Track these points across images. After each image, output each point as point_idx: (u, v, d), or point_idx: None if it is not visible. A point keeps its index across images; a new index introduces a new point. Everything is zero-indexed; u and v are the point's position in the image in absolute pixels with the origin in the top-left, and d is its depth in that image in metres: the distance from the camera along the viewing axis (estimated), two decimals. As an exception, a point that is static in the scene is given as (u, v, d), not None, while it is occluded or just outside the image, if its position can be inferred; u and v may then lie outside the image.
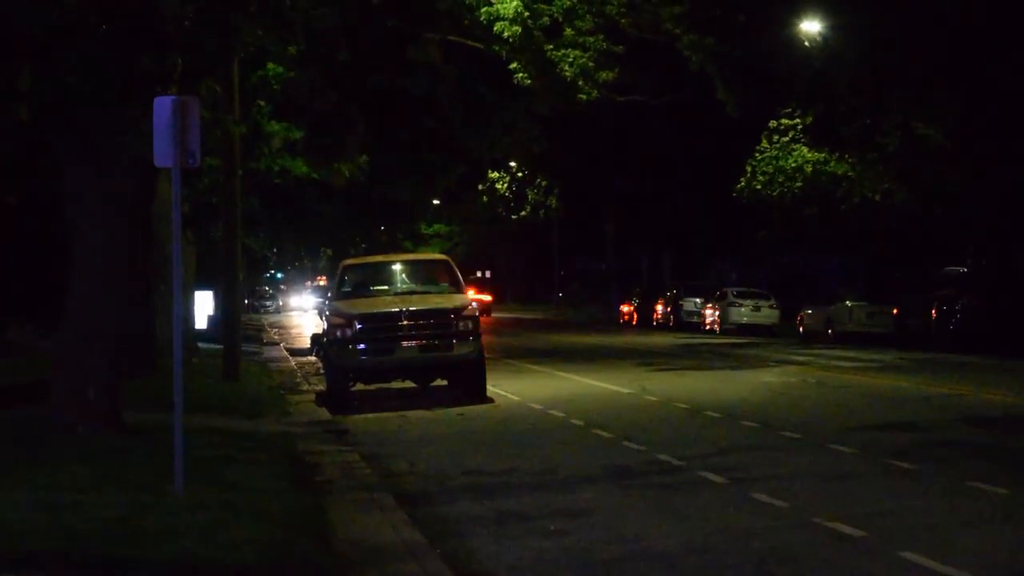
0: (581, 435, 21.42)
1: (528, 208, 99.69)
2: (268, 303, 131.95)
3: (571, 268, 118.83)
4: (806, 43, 46.43)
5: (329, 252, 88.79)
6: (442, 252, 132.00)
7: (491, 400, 27.58)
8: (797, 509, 14.04)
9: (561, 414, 24.27)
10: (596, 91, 33.41)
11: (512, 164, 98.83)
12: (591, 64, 32.90)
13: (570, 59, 32.79)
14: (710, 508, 14.48)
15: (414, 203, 52.68)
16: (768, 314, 59.71)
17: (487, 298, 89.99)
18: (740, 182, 53.20)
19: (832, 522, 13.18)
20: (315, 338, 37.77)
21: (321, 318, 46.24)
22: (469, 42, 36.02)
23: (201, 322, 39.86)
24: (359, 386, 28.86)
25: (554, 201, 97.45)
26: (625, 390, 28.56)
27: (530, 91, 34.59)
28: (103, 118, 16.48)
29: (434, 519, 14.54)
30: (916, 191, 44.51)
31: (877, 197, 47.20)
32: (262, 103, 34.33)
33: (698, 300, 65.63)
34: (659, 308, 70.61)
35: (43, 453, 16.52)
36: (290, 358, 43.47)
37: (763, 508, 14.30)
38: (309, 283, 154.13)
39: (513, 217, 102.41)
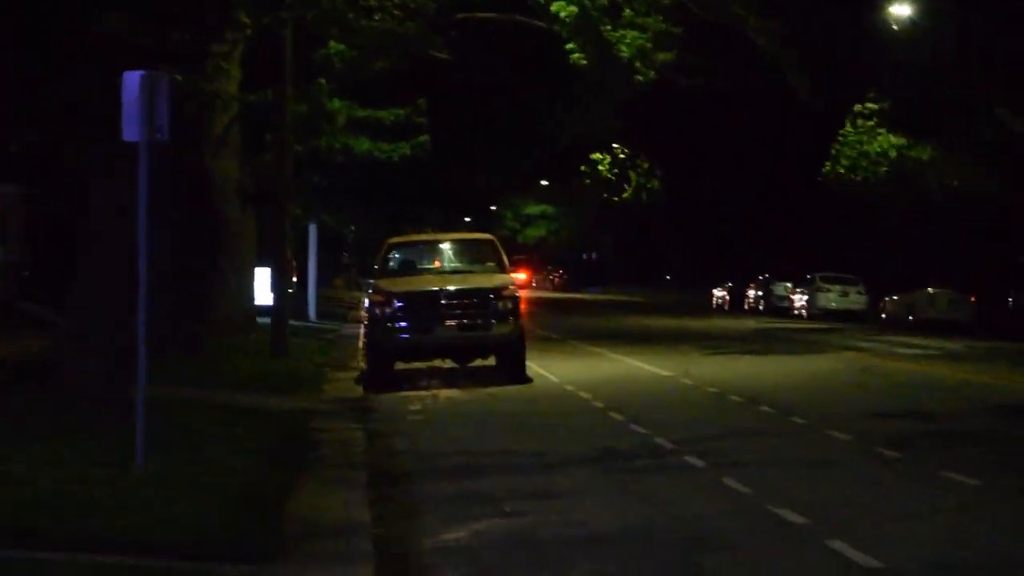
0: (595, 417, 21.34)
1: (630, 190, 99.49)
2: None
3: (677, 251, 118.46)
4: (894, 27, 45.82)
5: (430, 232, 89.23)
6: (548, 232, 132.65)
7: (529, 380, 27.48)
8: (757, 495, 13.87)
9: (588, 396, 24.18)
10: (654, 72, 33.15)
11: (615, 146, 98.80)
12: (649, 45, 32.62)
13: (628, 40, 32.53)
14: (675, 493, 14.38)
15: (493, 184, 52.64)
16: (856, 300, 59.08)
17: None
18: (826, 166, 52.63)
19: (782, 509, 13.02)
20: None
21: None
22: (536, 23, 35.98)
23: (267, 298, 39.88)
24: (403, 365, 28.92)
25: (656, 183, 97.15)
26: (666, 373, 28.39)
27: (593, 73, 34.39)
28: (101, 96, 16.47)
29: (400, 498, 14.58)
30: (999, 179, 43.74)
31: (955, 183, 46.52)
32: (323, 81, 34.43)
33: (788, 285, 65.09)
34: (750, 293, 70.18)
35: (33, 429, 16.65)
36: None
37: (725, 494, 14.16)
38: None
39: (615, 199, 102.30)
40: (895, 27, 45.72)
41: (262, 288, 38.15)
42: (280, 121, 30.60)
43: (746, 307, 70.06)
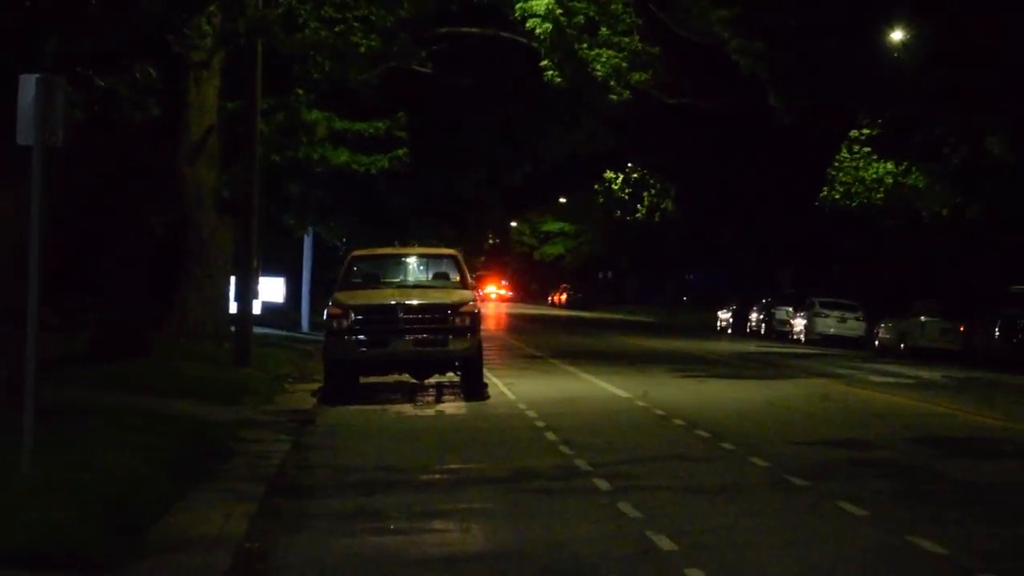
0: (529, 437, 21.16)
1: (643, 210, 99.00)
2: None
3: (692, 272, 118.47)
4: (895, 53, 45.51)
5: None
6: (566, 250, 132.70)
7: (486, 398, 27.37)
8: (644, 521, 13.71)
9: (534, 415, 24.00)
10: (628, 92, 33.02)
11: (629, 165, 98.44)
12: (624, 65, 32.49)
13: (603, 58, 32.40)
14: (566, 516, 14.23)
15: (481, 198, 52.51)
16: (854, 326, 58.64)
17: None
18: (823, 191, 52.38)
19: (659, 535, 12.88)
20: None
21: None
22: (518, 38, 35.96)
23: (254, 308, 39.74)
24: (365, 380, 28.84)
25: (669, 204, 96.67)
26: (624, 395, 28.19)
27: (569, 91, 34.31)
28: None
29: (290, 513, 14.48)
30: (983, 206, 43.44)
31: (944, 211, 46.25)
32: (300, 91, 34.36)
33: (789, 309, 64.69)
34: (753, 316, 69.89)
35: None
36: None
37: (614, 518, 14.01)
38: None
39: (628, 219, 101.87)
40: (895, 53, 45.45)
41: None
42: (249, 129, 30.52)
43: (748, 331, 69.75)
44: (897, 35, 43.59)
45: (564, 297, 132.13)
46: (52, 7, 16.41)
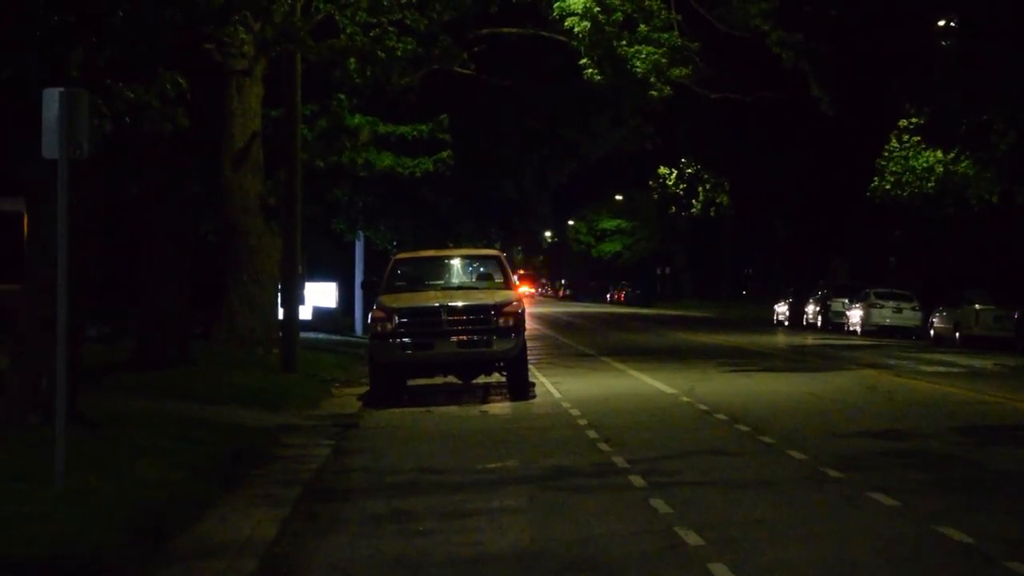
0: (569, 436, 21.13)
1: (699, 205, 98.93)
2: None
3: (750, 266, 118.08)
4: (943, 43, 45.33)
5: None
6: (623, 247, 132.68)
7: (532, 397, 27.42)
8: (674, 516, 13.71)
9: (577, 413, 23.99)
10: (668, 88, 32.93)
11: (683, 160, 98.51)
12: (664, 60, 32.39)
13: (642, 55, 32.32)
14: (597, 513, 14.24)
15: (528, 198, 52.50)
16: (910, 316, 58.23)
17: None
18: (873, 181, 52.07)
19: (687, 530, 12.86)
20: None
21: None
22: (558, 37, 35.94)
23: (303, 313, 39.91)
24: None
25: (724, 198, 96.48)
26: (670, 391, 28.13)
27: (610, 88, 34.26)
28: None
29: (322, 516, 14.53)
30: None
31: (994, 198, 45.87)
32: (342, 96, 34.46)
33: (845, 301, 64.31)
34: (809, 308, 69.52)
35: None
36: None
37: (645, 514, 14.00)
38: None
39: (683, 214, 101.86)
40: (943, 43, 45.23)
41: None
42: (290, 135, 30.63)
43: (805, 323, 69.39)
44: (941, 23, 43.42)
45: (623, 294, 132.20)
46: (77, 20, 16.52)
